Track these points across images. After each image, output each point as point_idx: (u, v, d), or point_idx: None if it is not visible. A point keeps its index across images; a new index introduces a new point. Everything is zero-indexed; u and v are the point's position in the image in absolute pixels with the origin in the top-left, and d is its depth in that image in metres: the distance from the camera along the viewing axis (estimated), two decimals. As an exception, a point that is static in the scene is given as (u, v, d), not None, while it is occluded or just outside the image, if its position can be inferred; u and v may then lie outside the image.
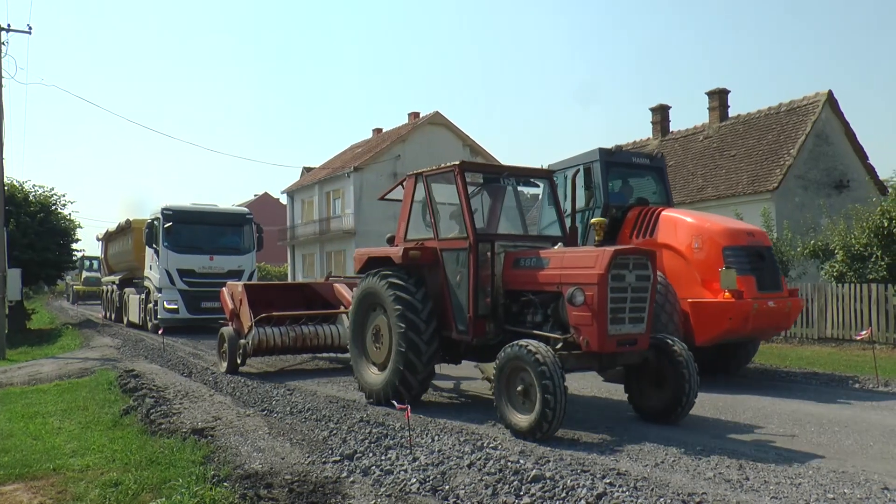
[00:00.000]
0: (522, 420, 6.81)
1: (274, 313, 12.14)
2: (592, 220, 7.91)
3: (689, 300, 10.26)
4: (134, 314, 24.08)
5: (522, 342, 6.86)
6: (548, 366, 6.52)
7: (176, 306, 20.51)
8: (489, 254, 8.13)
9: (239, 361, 12.00)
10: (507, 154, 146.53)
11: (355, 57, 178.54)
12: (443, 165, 8.78)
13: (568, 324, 7.34)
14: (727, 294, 10.04)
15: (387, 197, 10.81)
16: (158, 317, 20.53)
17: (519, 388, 6.86)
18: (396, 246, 9.16)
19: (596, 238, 7.83)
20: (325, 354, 13.71)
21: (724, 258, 10.37)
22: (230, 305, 12.74)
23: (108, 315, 29.76)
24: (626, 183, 12.76)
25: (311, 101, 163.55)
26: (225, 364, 12.15)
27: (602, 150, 12.04)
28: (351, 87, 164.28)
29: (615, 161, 12.17)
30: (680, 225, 10.95)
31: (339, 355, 13.63)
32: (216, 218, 22.10)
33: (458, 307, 8.28)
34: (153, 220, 21.47)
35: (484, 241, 8.16)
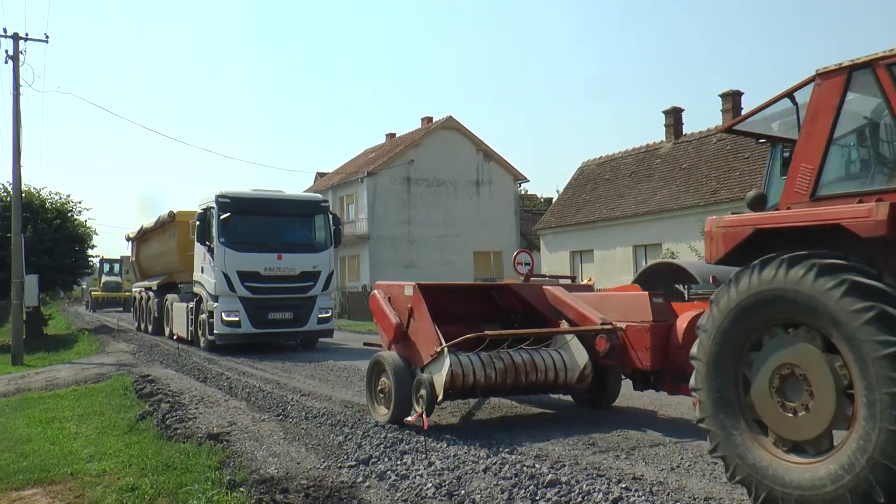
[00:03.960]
0: None
1: (488, 333, 7.71)
2: None
3: None
4: (180, 327, 19.73)
5: None
6: None
7: (237, 318, 16.34)
8: None
9: (419, 409, 7.40)
10: (521, 158, 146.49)
11: (369, 62, 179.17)
12: None
13: None
14: None
15: (740, 127, 6.28)
16: (215, 331, 16.52)
17: None
18: (786, 209, 4.98)
19: None
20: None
21: None
22: (393, 319, 8.25)
23: (142, 327, 25.54)
24: None
25: (325, 107, 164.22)
26: (387, 411, 7.88)
27: None
28: (364, 92, 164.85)
29: None
30: None
31: (562, 397, 9.33)
32: (284, 206, 17.77)
33: None
34: (205, 210, 17.11)
35: None
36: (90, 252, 30.49)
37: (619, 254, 27.69)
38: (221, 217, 16.43)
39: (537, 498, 5.14)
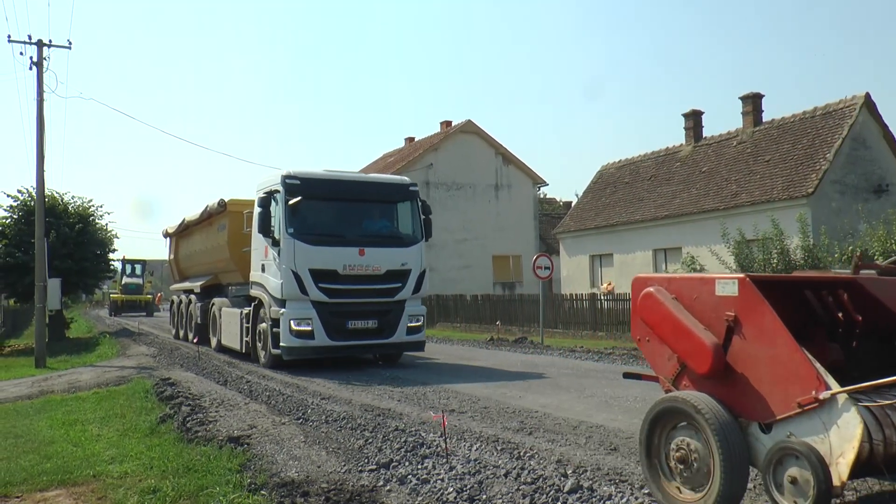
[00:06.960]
0: None
1: None
2: None
3: None
4: (231, 337, 16.60)
5: None
6: None
7: (309, 328, 13.40)
8: None
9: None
10: (540, 161, 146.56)
11: (388, 67, 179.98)
12: None
13: None
14: None
15: None
16: (282, 344, 13.54)
17: None
18: None
19: None
20: None
21: None
22: (704, 337, 4.75)
23: (180, 334, 22.81)
24: None
25: (344, 111, 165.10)
26: (695, 495, 4.67)
27: None
28: (383, 96, 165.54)
29: None
30: None
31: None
32: (365, 190, 14.77)
33: None
34: (268, 194, 14.04)
35: None
36: (111, 256, 30.82)
37: (639, 258, 27.54)
38: (289, 203, 13.52)
39: (559, 503, 5.10)
